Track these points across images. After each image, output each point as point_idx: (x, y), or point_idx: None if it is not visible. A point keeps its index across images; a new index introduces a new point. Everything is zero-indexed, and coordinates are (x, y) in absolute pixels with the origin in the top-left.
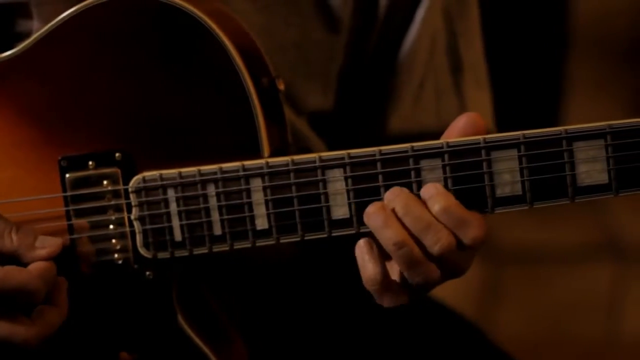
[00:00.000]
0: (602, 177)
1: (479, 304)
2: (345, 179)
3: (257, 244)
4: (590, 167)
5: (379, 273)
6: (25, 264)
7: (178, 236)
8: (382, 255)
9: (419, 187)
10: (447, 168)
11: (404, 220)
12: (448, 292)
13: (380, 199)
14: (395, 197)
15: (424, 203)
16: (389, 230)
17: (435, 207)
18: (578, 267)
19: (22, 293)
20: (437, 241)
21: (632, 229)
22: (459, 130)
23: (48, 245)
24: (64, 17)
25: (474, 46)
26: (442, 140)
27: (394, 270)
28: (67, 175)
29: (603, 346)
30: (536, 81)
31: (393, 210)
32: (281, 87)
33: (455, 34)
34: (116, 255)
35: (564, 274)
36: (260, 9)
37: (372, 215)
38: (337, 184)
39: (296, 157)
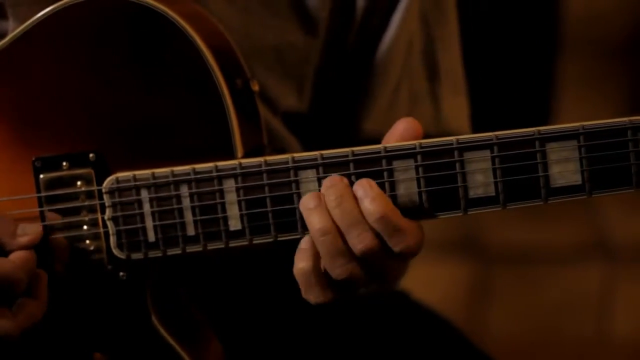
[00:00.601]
0: (575, 178)
1: (469, 305)
2: (319, 179)
3: (231, 245)
4: (564, 168)
5: (310, 265)
6: (6, 254)
7: (151, 237)
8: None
9: (392, 188)
10: (420, 169)
11: (333, 213)
12: (438, 293)
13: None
14: (331, 185)
15: (357, 199)
16: (316, 216)
17: (370, 209)
18: (568, 268)
19: (5, 283)
20: (361, 240)
21: (622, 229)
22: (398, 135)
23: (30, 232)
24: (39, 17)
25: (451, 52)
26: (415, 142)
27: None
28: (41, 176)
29: (593, 346)
30: (526, 81)
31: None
32: (255, 88)
33: (433, 39)
34: (90, 256)
35: (553, 274)
36: (237, 12)
37: (304, 199)
38: (310, 185)
39: (269, 158)
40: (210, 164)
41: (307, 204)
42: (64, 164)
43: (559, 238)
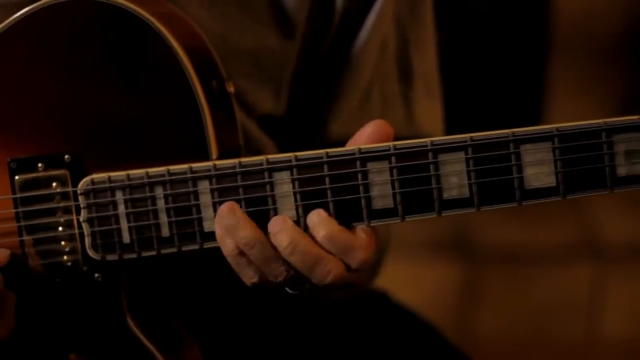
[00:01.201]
0: (550, 180)
1: (458, 305)
2: (293, 181)
3: (205, 246)
4: (538, 169)
5: (236, 248)
6: None
7: (126, 238)
8: None
9: (366, 190)
10: (394, 171)
11: (290, 259)
12: (427, 293)
13: (327, 202)
14: (279, 230)
15: (308, 233)
16: (242, 232)
17: (320, 235)
18: (558, 268)
19: None
20: (328, 273)
21: (612, 229)
22: (365, 137)
23: None
24: (15, 18)
25: (426, 55)
26: (389, 143)
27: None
28: (17, 177)
29: (583, 346)
30: (517, 82)
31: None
32: (231, 89)
33: (407, 42)
34: (65, 257)
35: (543, 275)
36: (215, 16)
37: (223, 212)
38: (284, 187)
39: (243, 160)
40: (185, 166)
41: (228, 221)
42: (40, 165)
43: (549, 238)
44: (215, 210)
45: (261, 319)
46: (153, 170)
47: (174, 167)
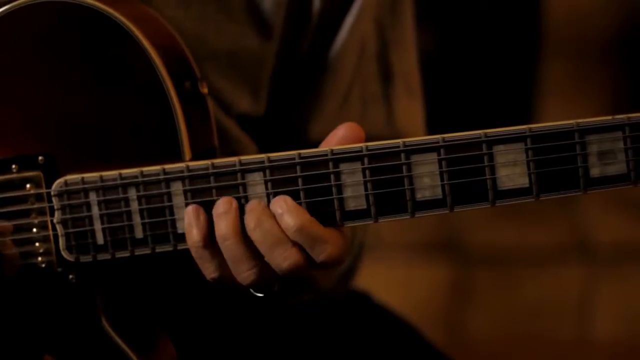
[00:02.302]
0: (522, 181)
1: (449, 306)
2: (265, 182)
3: (179, 248)
4: (511, 170)
5: (201, 240)
6: None
7: (100, 239)
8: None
9: (339, 191)
10: (367, 171)
11: (253, 236)
12: (417, 294)
13: (300, 203)
14: (250, 210)
15: (274, 218)
16: (222, 222)
17: (289, 224)
18: (548, 269)
19: None
20: (286, 258)
21: (602, 230)
22: (338, 140)
23: None
24: None
25: (406, 55)
26: (361, 144)
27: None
28: None
29: (573, 347)
30: (508, 83)
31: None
32: (204, 90)
33: (387, 43)
34: (40, 259)
35: (534, 276)
36: (192, 17)
37: (217, 203)
38: (257, 188)
39: (216, 161)
40: (158, 167)
41: (217, 209)
42: (13, 166)
43: (539, 239)
44: None
45: (237, 321)
46: (126, 171)
47: (147, 169)
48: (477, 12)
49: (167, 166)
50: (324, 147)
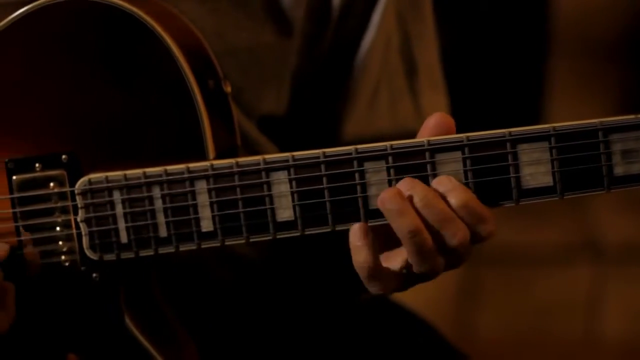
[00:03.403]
0: (546, 180)
1: (458, 306)
2: (290, 181)
3: (203, 246)
4: (535, 169)
5: (371, 260)
6: None
7: (124, 238)
8: (375, 243)
9: (363, 189)
10: (391, 170)
11: (423, 212)
12: (427, 293)
13: (324, 202)
14: (411, 188)
15: (440, 195)
16: (405, 218)
17: (454, 201)
18: (557, 268)
19: None
20: (455, 234)
21: (611, 230)
22: (430, 130)
23: None
24: (12, 19)
25: (428, 48)
26: (386, 143)
27: (397, 259)
28: (14, 178)
29: (582, 347)
30: (516, 81)
31: (410, 200)
32: (228, 89)
33: (409, 37)
34: (63, 257)
35: (543, 275)
36: (210, 13)
37: (388, 200)
38: (281, 186)
39: (240, 160)
40: (182, 166)
41: (391, 206)
42: (37, 165)
43: (548, 239)
44: (212, 210)
45: (260, 319)
46: (150, 170)
47: (171, 167)
48: (485, 11)
49: (192, 165)
50: (419, 139)
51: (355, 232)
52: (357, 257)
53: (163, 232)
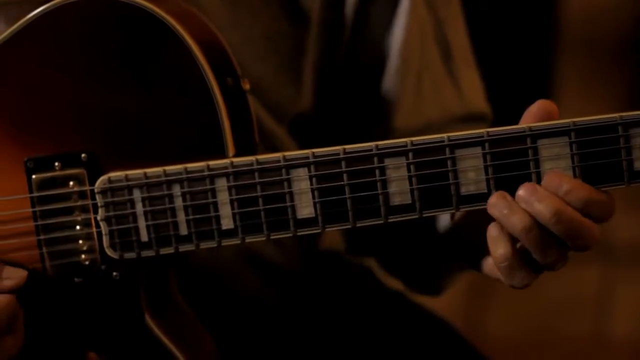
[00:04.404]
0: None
1: (468, 306)
2: (310, 178)
3: (223, 244)
4: (555, 164)
5: (510, 250)
6: None
7: (144, 236)
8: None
9: (384, 186)
10: (412, 166)
11: (555, 228)
12: None
13: (345, 198)
14: (536, 199)
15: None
16: (515, 217)
17: (577, 199)
18: (566, 268)
19: None
20: (591, 236)
21: (621, 230)
22: (532, 117)
23: (14, 277)
24: (29, 18)
25: (459, 31)
26: (406, 139)
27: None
28: (34, 177)
29: (591, 347)
30: (525, 80)
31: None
32: (246, 86)
33: (441, 21)
34: (83, 256)
35: (552, 275)
36: (225, 3)
37: (495, 204)
38: (301, 183)
39: (260, 157)
40: (202, 163)
41: (500, 208)
42: (57, 164)
43: None
44: (233, 208)
45: (278, 317)
46: (170, 168)
47: (191, 165)
48: (493, 9)
49: (212, 162)
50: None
51: (491, 228)
52: (496, 249)
53: (183, 230)
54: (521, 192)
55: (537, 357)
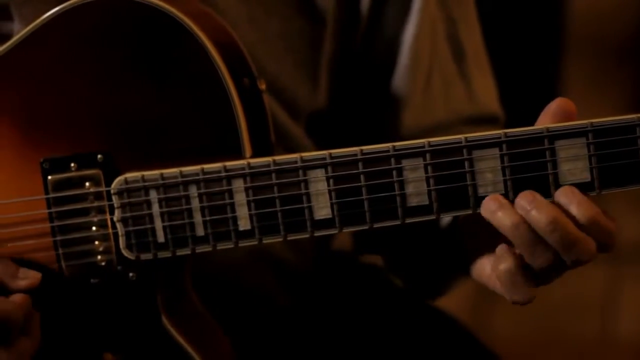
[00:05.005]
0: (584, 176)
1: (474, 305)
2: (327, 179)
3: (240, 245)
4: (573, 165)
5: (512, 264)
6: (6, 294)
7: (161, 237)
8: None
9: (401, 187)
10: (429, 167)
11: (549, 238)
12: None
13: (362, 199)
14: (535, 207)
15: (561, 208)
16: (502, 214)
17: (581, 215)
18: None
19: (5, 322)
20: (585, 251)
21: (627, 230)
22: (551, 117)
23: (30, 276)
24: (45, 18)
25: (473, 32)
26: (423, 140)
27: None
28: (49, 177)
29: (597, 346)
30: (530, 80)
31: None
32: (262, 87)
33: (454, 21)
34: (99, 257)
35: None
36: (241, 1)
37: (486, 204)
38: (318, 184)
39: (278, 158)
40: (219, 164)
41: (489, 208)
42: (72, 165)
43: None
44: (250, 209)
45: (290, 316)
46: (187, 169)
47: (208, 166)
48: (499, 10)
49: (228, 163)
50: (539, 125)
51: (501, 247)
52: (502, 264)
53: (200, 231)
54: (519, 199)
55: (543, 356)
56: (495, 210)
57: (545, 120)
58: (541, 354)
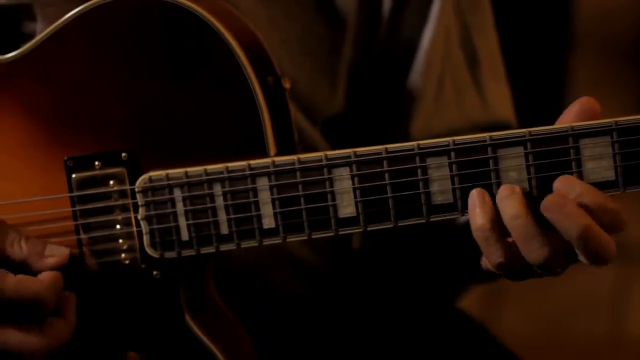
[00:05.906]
0: (609, 174)
1: (483, 304)
2: (352, 177)
3: (264, 243)
4: (597, 164)
5: (487, 221)
6: (34, 273)
7: (185, 236)
8: (495, 208)
9: (425, 185)
10: (454, 166)
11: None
12: None
13: (387, 198)
14: (506, 196)
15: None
16: (509, 203)
17: (588, 202)
18: (582, 266)
19: (35, 302)
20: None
21: (636, 228)
22: (574, 116)
23: (57, 254)
24: (68, 17)
25: (488, 38)
26: (448, 139)
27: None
28: (74, 176)
29: (606, 345)
30: (539, 79)
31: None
32: (287, 85)
33: (468, 27)
34: (123, 255)
35: (567, 273)
36: (262, 2)
37: (500, 190)
38: (343, 183)
39: (302, 156)
40: (243, 163)
41: (500, 193)
42: (97, 163)
43: None
44: (274, 207)
45: (309, 315)
46: (211, 167)
47: (233, 164)
48: (507, 9)
49: (253, 162)
50: (560, 124)
51: (473, 198)
52: (478, 220)
53: (224, 229)
54: (547, 203)
55: (552, 355)
56: (505, 197)
57: (568, 119)
58: (550, 352)
